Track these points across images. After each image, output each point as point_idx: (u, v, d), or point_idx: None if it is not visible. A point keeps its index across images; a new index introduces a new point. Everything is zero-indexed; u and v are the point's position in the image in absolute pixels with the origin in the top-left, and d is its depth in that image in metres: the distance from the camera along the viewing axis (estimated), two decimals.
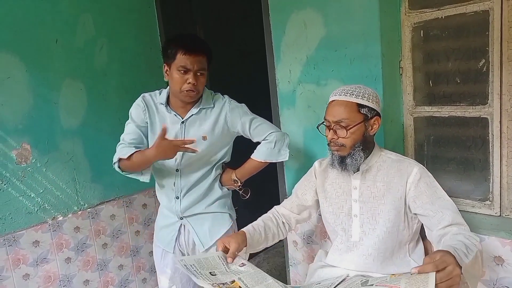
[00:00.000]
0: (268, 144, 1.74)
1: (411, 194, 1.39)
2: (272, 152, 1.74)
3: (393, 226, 1.42)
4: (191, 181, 1.75)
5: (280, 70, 2.05)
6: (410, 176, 1.39)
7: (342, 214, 1.52)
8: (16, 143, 1.98)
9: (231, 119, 1.73)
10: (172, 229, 1.81)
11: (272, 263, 3.18)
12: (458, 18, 1.63)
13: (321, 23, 1.84)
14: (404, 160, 1.45)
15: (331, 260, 1.56)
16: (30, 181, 2.04)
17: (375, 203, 1.45)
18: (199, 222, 1.79)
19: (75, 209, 2.22)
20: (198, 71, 1.61)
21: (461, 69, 1.67)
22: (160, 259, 1.89)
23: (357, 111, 1.38)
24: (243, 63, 3.08)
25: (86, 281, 2.27)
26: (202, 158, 1.73)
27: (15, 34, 1.94)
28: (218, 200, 1.81)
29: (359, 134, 1.40)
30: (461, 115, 1.69)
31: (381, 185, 1.44)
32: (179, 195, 1.76)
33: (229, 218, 1.84)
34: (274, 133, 1.75)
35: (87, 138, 2.25)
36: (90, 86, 2.24)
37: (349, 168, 1.43)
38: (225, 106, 1.74)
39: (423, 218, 1.38)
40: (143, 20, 2.50)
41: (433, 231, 1.34)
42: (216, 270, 1.27)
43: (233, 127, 1.75)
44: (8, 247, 1.95)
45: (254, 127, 1.74)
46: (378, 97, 1.43)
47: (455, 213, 1.33)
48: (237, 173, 1.81)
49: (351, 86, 1.42)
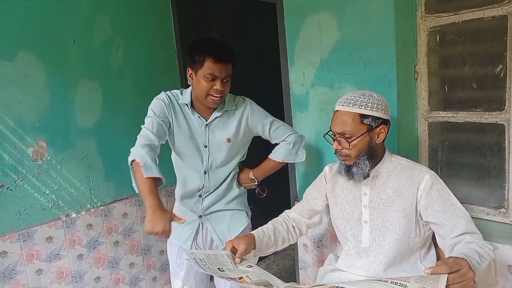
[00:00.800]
0: (287, 145, 1.80)
1: (423, 202, 1.37)
2: (290, 153, 1.81)
3: (404, 233, 1.40)
4: (218, 181, 1.80)
5: (293, 73, 2.05)
6: (421, 184, 1.37)
7: (352, 220, 1.50)
8: (32, 141, 2.01)
9: (252, 121, 1.77)
10: (191, 227, 1.83)
11: (281, 265, 3.17)
12: (475, 23, 1.61)
13: (335, 27, 1.83)
14: (416, 166, 1.42)
15: (341, 265, 1.55)
16: (45, 178, 2.07)
17: (385, 209, 1.43)
18: (219, 219, 1.84)
19: (88, 207, 2.25)
20: (225, 78, 1.63)
21: (477, 75, 1.65)
22: (175, 257, 1.90)
23: (360, 122, 1.36)
24: (257, 66, 3.09)
25: (98, 278, 2.29)
26: (227, 159, 1.78)
27: (34, 33, 1.98)
28: (236, 198, 1.86)
29: (364, 145, 1.38)
30: (476, 121, 1.67)
31: (391, 192, 1.42)
32: (202, 194, 1.81)
33: (246, 215, 1.90)
34: (293, 134, 1.81)
35: (102, 137, 2.27)
36: (106, 86, 2.27)
37: (356, 176, 1.42)
38: (247, 108, 1.78)
39: (435, 226, 1.36)
40: (159, 22, 2.53)
41: (445, 239, 1.32)
42: (224, 267, 1.29)
43: (254, 128, 1.80)
44: (22, 242, 1.99)
45: (274, 129, 1.80)
46: (385, 104, 1.39)
47: (468, 222, 1.30)
48: (255, 172, 1.86)
49: (355, 94, 1.39)
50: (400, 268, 1.43)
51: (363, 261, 1.48)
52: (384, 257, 1.43)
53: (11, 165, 1.95)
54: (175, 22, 2.59)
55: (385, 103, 1.39)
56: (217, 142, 1.74)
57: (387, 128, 1.41)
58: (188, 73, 1.66)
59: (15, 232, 1.97)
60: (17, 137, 1.96)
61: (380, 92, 1.70)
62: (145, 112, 1.70)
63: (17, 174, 1.97)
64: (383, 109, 1.37)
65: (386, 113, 1.39)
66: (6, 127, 1.92)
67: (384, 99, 1.40)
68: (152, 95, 1.77)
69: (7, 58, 1.90)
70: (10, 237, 1.95)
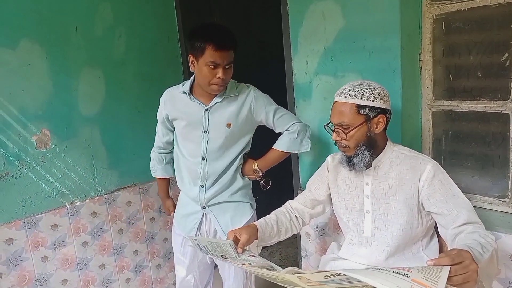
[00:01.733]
0: (291, 134, 1.77)
1: (425, 192, 1.37)
2: (295, 143, 1.77)
3: (406, 223, 1.40)
4: (217, 169, 1.77)
5: (297, 61, 2.04)
6: (423, 173, 1.37)
7: (354, 209, 1.51)
8: (36, 129, 2.02)
9: (255, 108, 1.74)
10: (195, 218, 1.84)
11: (284, 254, 3.20)
12: (481, 10, 1.59)
13: (340, 14, 1.81)
14: (418, 156, 1.42)
15: (343, 254, 1.56)
16: (49, 166, 2.08)
17: (387, 199, 1.43)
18: (222, 211, 1.82)
19: (92, 195, 2.26)
20: (227, 65, 1.62)
21: (483, 63, 1.63)
22: (180, 247, 1.92)
23: (356, 113, 1.36)
24: (260, 54, 3.07)
25: (102, 265, 2.32)
26: (226, 145, 1.75)
27: (37, 21, 1.97)
28: (240, 190, 1.84)
29: (362, 135, 1.38)
30: (481, 110, 1.66)
31: (393, 182, 1.42)
32: (204, 184, 1.78)
33: (250, 207, 1.88)
34: (297, 123, 1.77)
35: (105, 126, 2.28)
36: (109, 74, 2.27)
37: (357, 167, 1.42)
38: (250, 94, 1.75)
39: (437, 216, 1.36)
40: (161, 10, 2.51)
41: (447, 229, 1.32)
42: (227, 255, 1.30)
43: (257, 116, 1.76)
44: (27, 230, 2.01)
45: (278, 117, 1.77)
46: (383, 94, 1.37)
47: (470, 212, 1.30)
48: (259, 163, 1.83)
49: (353, 85, 1.39)
50: (402, 257, 1.44)
51: (365, 250, 1.49)
52: (387, 246, 1.43)
53: (15, 153, 1.96)
54: (178, 10, 2.57)
55: (383, 92, 1.38)
56: (216, 127, 1.72)
57: (387, 117, 1.40)
58: (190, 60, 1.65)
59: (21, 220, 1.99)
60: (21, 126, 1.97)
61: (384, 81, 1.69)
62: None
63: (22, 162, 1.98)
64: (381, 98, 1.36)
65: (384, 103, 1.37)
66: (9, 115, 1.93)
67: (383, 89, 1.39)
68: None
69: (9, 46, 1.90)
70: (15, 225, 1.97)
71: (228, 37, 1.62)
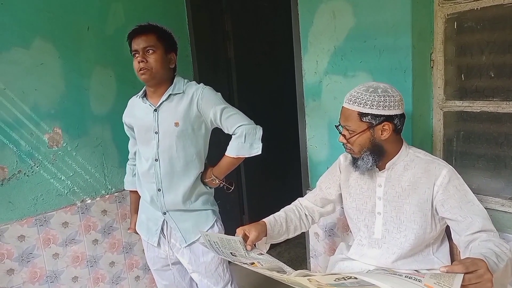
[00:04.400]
0: (238, 138, 1.71)
1: (439, 198, 1.34)
2: (244, 147, 1.71)
3: (419, 228, 1.38)
4: (170, 170, 1.74)
5: (306, 60, 2.03)
6: (438, 178, 1.34)
7: (365, 210, 1.50)
8: (48, 127, 2.05)
9: (202, 106, 1.71)
10: (155, 224, 1.84)
11: (293, 253, 3.19)
12: (494, 9, 1.57)
13: (350, 13, 1.80)
14: (433, 160, 1.39)
15: (352, 254, 1.55)
16: (61, 164, 2.11)
17: (399, 202, 1.41)
18: (183, 218, 1.80)
19: (103, 193, 2.29)
20: (146, 48, 1.65)
21: (495, 63, 1.61)
22: (146, 251, 1.95)
23: (359, 120, 1.35)
24: (270, 53, 3.07)
25: (112, 263, 2.34)
26: (176, 145, 1.72)
27: (50, 21, 2.00)
28: (200, 197, 1.82)
29: (365, 141, 1.37)
30: (493, 110, 1.64)
31: (406, 185, 1.40)
32: (161, 187, 1.76)
33: (212, 214, 1.86)
34: (244, 125, 1.70)
35: (116, 124, 2.29)
36: (120, 74, 2.29)
37: (361, 169, 1.41)
38: (197, 92, 1.72)
39: (451, 222, 1.33)
40: (172, 9, 2.52)
41: (461, 236, 1.29)
42: (237, 252, 1.30)
43: (205, 115, 1.72)
44: (39, 227, 2.04)
45: (225, 118, 1.71)
46: (389, 100, 1.33)
47: (485, 219, 1.27)
48: (214, 171, 1.80)
49: (359, 90, 1.37)
50: (412, 259, 1.43)
51: (375, 251, 1.48)
52: (398, 249, 1.42)
53: (27, 152, 1.99)
54: (188, 10, 2.58)
55: (391, 98, 1.33)
56: (165, 127, 1.71)
57: (395, 123, 1.36)
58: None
59: (32, 217, 2.02)
60: (33, 124, 1.99)
61: (395, 80, 1.69)
62: None
63: (34, 160, 2.01)
64: (387, 105, 1.32)
65: (390, 109, 1.33)
66: (22, 114, 1.96)
67: (391, 94, 1.34)
68: None
69: (23, 46, 1.93)
70: (27, 222, 2.00)
71: (144, 25, 1.70)
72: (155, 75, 1.68)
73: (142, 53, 1.65)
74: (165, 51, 1.70)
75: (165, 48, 1.70)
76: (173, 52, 1.75)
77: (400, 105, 1.36)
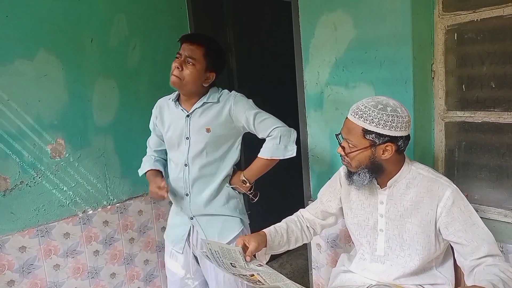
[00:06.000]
0: (273, 140, 1.69)
1: (443, 220, 1.30)
2: (278, 148, 1.68)
3: (423, 248, 1.35)
4: (199, 176, 1.75)
5: (308, 71, 2.04)
6: (441, 200, 1.29)
7: (367, 227, 1.46)
8: (51, 138, 2.06)
9: (235, 112, 1.71)
10: (183, 229, 1.82)
11: (295, 265, 3.17)
12: (494, 21, 1.58)
13: (351, 25, 1.82)
14: (436, 179, 1.33)
15: (354, 268, 1.53)
16: (63, 175, 2.11)
17: (401, 221, 1.38)
18: (210, 223, 1.79)
19: (104, 204, 2.28)
20: (187, 58, 1.65)
21: (496, 74, 1.61)
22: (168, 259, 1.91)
23: (362, 136, 1.29)
24: (272, 64, 3.09)
25: (113, 274, 2.33)
26: (207, 151, 1.72)
27: (54, 33, 2.02)
28: (228, 202, 1.79)
29: (364, 159, 1.32)
30: (495, 121, 1.64)
31: (408, 204, 1.36)
32: (189, 192, 1.77)
33: (239, 222, 1.82)
34: (279, 128, 1.69)
35: (118, 135, 2.31)
36: (123, 85, 2.30)
37: (355, 184, 1.37)
38: (229, 99, 1.73)
39: (455, 245, 1.30)
40: (175, 21, 2.55)
41: (465, 260, 1.27)
42: (236, 263, 1.30)
43: (237, 121, 1.72)
44: (40, 238, 2.04)
45: (259, 122, 1.70)
46: (397, 121, 1.27)
47: (491, 244, 1.24)
48: (245, 173, 1.78)
49: (367, 104, 1.30)
50: (415, 275, 1.41)
51: (378, 266, 1.45)
52: (402, 267, 1.40)
53: (30, 162, 1.99)
54: (191, 21, 2.61)
55: (398, 119, 1.27)
56: (196, 132, 1.72)
57: (398, 144, 1.30)
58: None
59: (34, 228, 2.01)
60: (36, 135, 2.00)
61: (396, 91, 1.69)
62: None
63: (36, 171, 2.02)
64: (394, 126, 1.26)
65: (397, 130, 1.27)
66: (25, 125, 1.97)
67: (399, 114, 1.28)
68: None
69: (27, 57, 1.95)
70: (29, 233, 1.99)
71: (198, 34, 1.72)
72: (183, 86, 1.69)
73: (183, 60, 1.65)
74: (206, 69, 1.68)
75: (207, 65, 1.68)
76: (214, 72, 1.72)
77: (407, 127, 1.30)
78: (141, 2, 2.35)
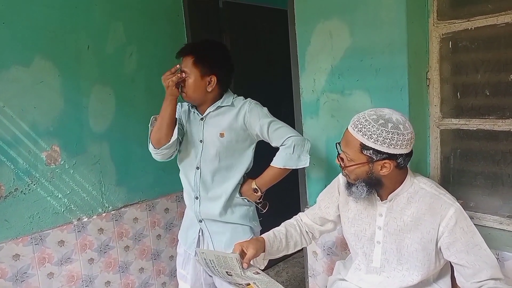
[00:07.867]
0: (287, 149, 1.67)
1: (444, 240, 1.26)
2: (292, 158, 1.67)
3: (422, 265, 1.32)
4: (210, 180, 1.75)
5: (304, 79, 2.05)
6: (444, 219, 1.25)
7: (364, 238, 1.43)
8: (46, 145, 2.04)
9: (249, 119, 1.71)
10: (194, 232, 1.83)
11: (291, 273, 3.15)
12: (488, 29, 1.60)
13: (347, 33, 1.83)
14: (439, 197, 1.29)
15: (349, 278, 1.51)
16: (58, 182, 2.10)
17: (400, 235, 1.34)
18: (218, 230, 1.78)
19: (99, 211, 2.27)
20: (183, 72, 1.67)
21: (490, 82, 1.63)
22: (181, 263, 1.90)
23: (359, 151, 1.25)
24: (268, 72, 3.10)
25: (108, 282, 2.30)
26: (220, 156, 1.73)
27: (50, 40, 2.02)
28: (239, 210, 1.78)
29: (361, 173, 1.29)
30: (490, 128, 1.65)
31: (409, 220, 1.32)
32: (198, 195, 1.77)
33: (249, 231, 1.81)
34: (293, 137, 1.68)
35: (114, 142, 2.30)
36: (119, 92, 2.30)
37: (354, 196, 1.34)
38: (244, 105, 1.73)
39: (457, 266, 1.28)
40: (172, 29, 2.56)
41: (467, 282, 1.26)
42: (232, 271, 1.29)
43: (251, 128, 1.72)
44: (34, 246, 2.01)
45: (273, 130, 1.68)
46: (397, 139, 1.21)
47: (493, 268, 1.22)
48: (257, 182, 1.75)
49: (368, 118, 1.25)
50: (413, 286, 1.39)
51: (374, 277, 1.43)
52: (400, 281, 1.37)
53: (25, 169, 1.98)
54: (188, 29, 2.62)
55: (398, 137, 1.21)
56: (210, 136, 1.73)
57: (395, 162, 1.25)
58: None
59: (28, 236, 1.99)
60: (31, 142, 1.99)
61: (391, 98, 1.70)
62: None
63: (31, 178, 2.00)
64: (393, 144, 1.21)
65: (396, 148, 1.22)
66: (21, 131, 1.95)
67: (400, 132, 1.22)
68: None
69: (23, 64, 1.94)
70: (22, 240, 1.97)
71: (186, 45, 1.74)
72: (190, 99, 1.73)
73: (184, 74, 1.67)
74: (202, 75, 1.68)
75: (201, 72, 1.67)
76: (212, 74, 1.69)
77: (408, 145, 1.24)
78: (138, 9, 2.36)
